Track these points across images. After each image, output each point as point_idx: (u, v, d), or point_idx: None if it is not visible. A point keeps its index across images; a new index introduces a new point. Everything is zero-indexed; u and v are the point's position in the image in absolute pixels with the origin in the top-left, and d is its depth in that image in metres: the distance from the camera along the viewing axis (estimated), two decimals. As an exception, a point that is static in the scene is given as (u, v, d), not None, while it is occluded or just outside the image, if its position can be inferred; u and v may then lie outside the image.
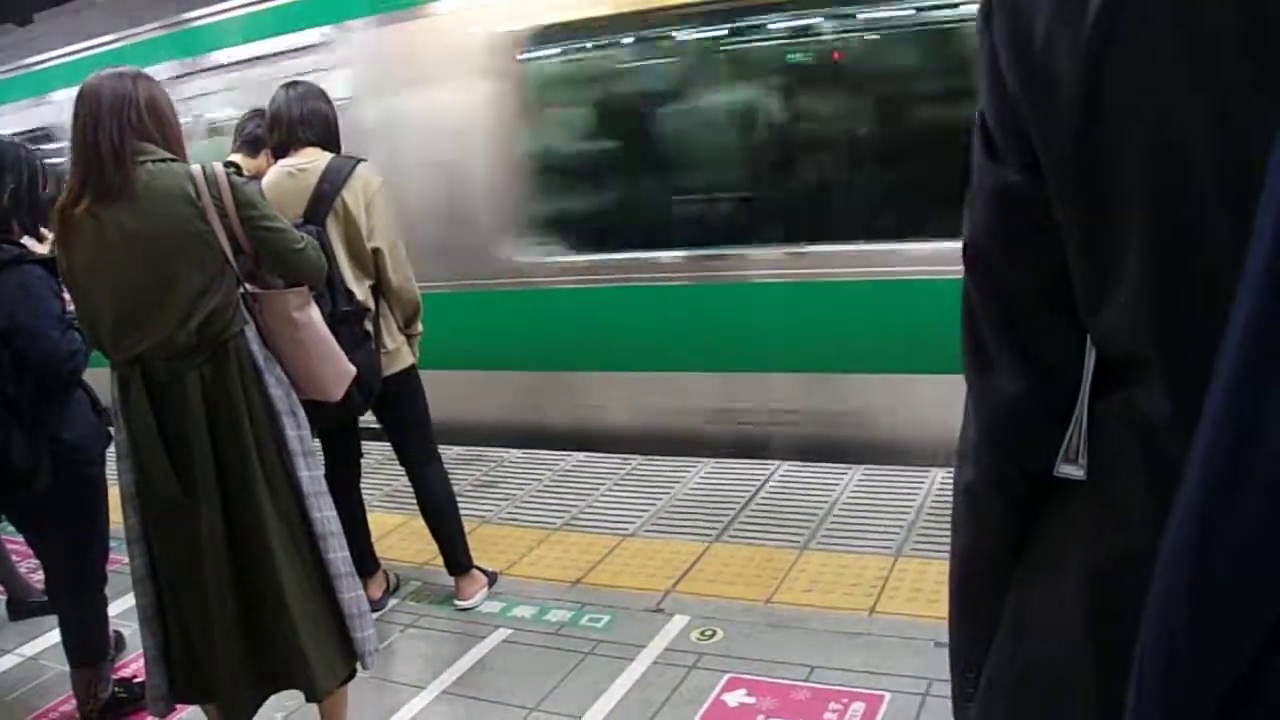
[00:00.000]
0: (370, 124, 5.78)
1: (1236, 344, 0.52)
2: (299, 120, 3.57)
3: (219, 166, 2.64)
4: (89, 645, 3.27)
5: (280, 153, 3.61)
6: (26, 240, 3.13)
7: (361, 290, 3.50)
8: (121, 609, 3.52)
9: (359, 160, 3.58)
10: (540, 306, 5.74)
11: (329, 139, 3.62)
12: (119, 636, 3.58)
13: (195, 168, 2.60)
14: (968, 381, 0.91)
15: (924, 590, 3.55)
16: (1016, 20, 0.75)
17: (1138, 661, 0.59)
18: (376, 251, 3.51)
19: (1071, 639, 0.78)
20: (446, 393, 4.30)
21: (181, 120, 2.82)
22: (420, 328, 3.76)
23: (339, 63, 6.09)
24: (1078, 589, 0.78)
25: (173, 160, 2.62)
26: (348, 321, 3.36)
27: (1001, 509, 0.90)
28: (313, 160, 3.51)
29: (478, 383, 5.78)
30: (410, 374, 3.73)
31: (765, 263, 5.19)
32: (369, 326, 3.51)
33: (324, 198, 3.44)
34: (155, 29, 7.14)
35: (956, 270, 0.88)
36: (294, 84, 3.70)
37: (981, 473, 0.90)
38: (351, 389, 3.07)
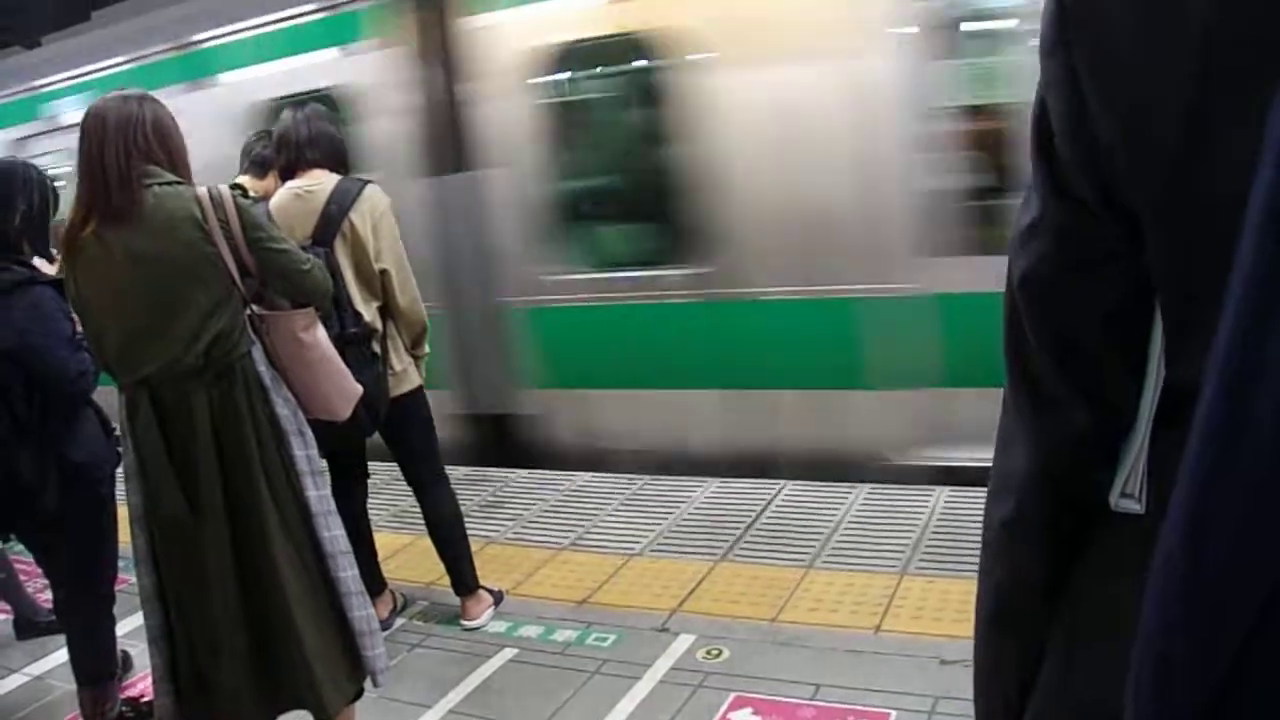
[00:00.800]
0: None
1: (1228, 335, 0.53)
2: (307, 141, 3.59)
3: (225, 189, 2.67)
4: (96, 664, 3.28)
5: (287, 174, 3.63)
6: (37, 261, 3.16)
7: (369, 311, 3.51)
8: (129, 628, 3.54)
9: (366, 181, 3.61)
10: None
11: (336, 160, 3.65)
12: (126, 656, 3.59)
13: (201, 190, 2.63)
14: (1016, 417, 0.88)
15: (929, 608, 3.55)
16: (1100, 37, 0.72)
17: (1135, 661, 0.59)
18: (384, 273, 3.53)
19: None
20: None
21: None
22: (427, 349, 3.77)
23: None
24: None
25: (179, 183, 2.64)
26: (356, 342, 3.37)
27: (1046, 543, 0.88)
28: (320, 182, 3.53)
29: None
30: (418, 395, 3.74)
31: None
32: (376, 348, 3.52)
33: (332, 219, 3.46)
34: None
35: None
36: (301, 105, 3.73)
37: (1028, 507, 0.88)
38: (360, 410, 3.09)
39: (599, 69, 5.81)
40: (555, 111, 5.67)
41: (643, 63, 5.41)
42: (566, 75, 5.73)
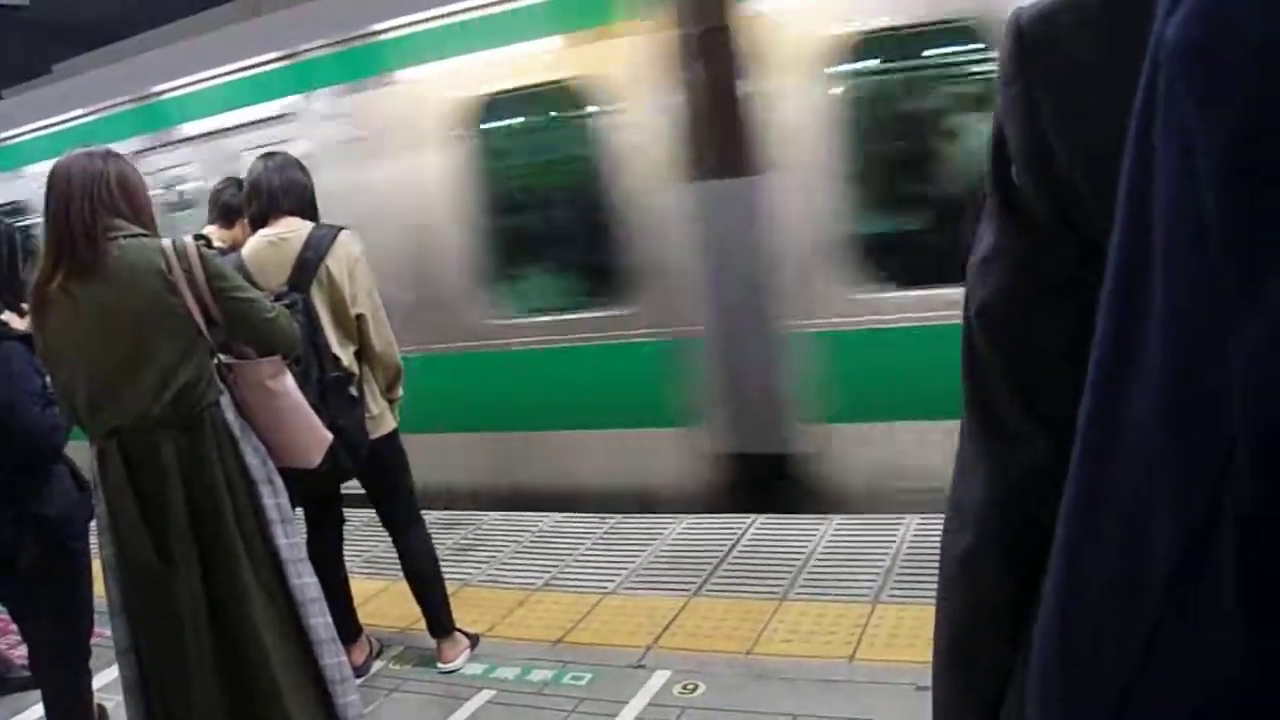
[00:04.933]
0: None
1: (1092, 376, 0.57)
2: (280, 190, 3.62)
3: (189, 239, 2.71)
4: (72, 719, 3.25)
5: (259, 222, 3.64)
6: (6, 316, 3.16)
7: (346, 355, 3.52)
8: (104, 681, 3.50)
9: (340, 228, 3.64)
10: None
11: (307, 208, 3.67)
12: (102, 709, 3.55)
13: (165, 242, 2.67)
14: (974, 448, 0.89)
15: (902, 635, 3.58)
16: (1058, 71, 0.74)
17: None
18: (360, 317, 3.55)
19: None
20: None
21: None
22: (401, 392, 3.79)
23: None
24: None
25: (144, 235, 2.68)
26: (336, 386, 3.39)
27: (1005, 574, 0.88)
28: (294, 230, 3.55)
29: None
30: (393, 438, 3.75)
31: None
32: (354, 391, 3.52)
33: (308, 265, 3.48)
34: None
35: None
36: (271, 154, 3.75)
37: (988, 538, 0.88)
38: (341, 453, 3.10)
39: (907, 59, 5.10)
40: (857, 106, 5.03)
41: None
42: (872, 65, 5.06)
